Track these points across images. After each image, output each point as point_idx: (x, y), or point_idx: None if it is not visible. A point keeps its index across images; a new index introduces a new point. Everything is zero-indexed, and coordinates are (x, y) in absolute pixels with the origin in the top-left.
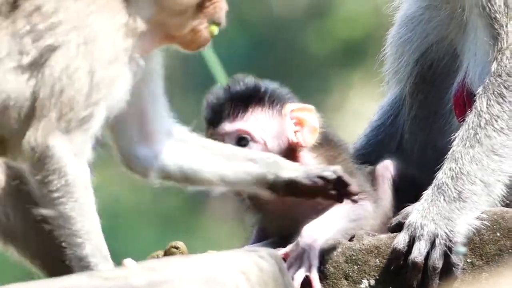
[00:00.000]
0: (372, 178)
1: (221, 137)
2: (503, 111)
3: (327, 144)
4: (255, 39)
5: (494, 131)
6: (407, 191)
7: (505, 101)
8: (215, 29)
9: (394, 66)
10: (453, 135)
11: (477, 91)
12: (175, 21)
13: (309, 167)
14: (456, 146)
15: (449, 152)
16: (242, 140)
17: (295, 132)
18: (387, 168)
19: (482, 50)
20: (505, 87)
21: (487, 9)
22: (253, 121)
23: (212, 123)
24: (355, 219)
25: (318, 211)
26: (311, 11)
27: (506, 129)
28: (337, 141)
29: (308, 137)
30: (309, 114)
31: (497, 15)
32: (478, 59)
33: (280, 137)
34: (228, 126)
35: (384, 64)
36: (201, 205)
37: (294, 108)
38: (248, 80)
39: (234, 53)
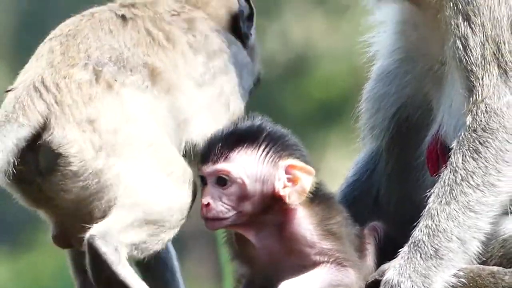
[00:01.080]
0: (359, 240)
1: (205, 177)
2: (479, 167)
3: (323, 203)
4: None
5: (470, 187)
6: (392, 253)
7: (481, 157)
8: None
9: (371, 121)
10: (429, 190)
11: (452, 146)
12: None
13: None
14: (432, 203)
15: (425, 209)
16: (220, 180)
17: (284, 186)
18: (374, 230)
19: (457, 102)
20: (480, 142)
21: (464, 61)
22: (237, 161)
23: (201, 160)
24: (335, 285)
25: (303, 268)
26: (288, 71)
27: (481, 185)
28: (333, 201)
29: (293, 197)
30: (306, 177)
31: (473, 67)
32: (453, 111)
33: (264, 183)
34: (210, 167)
35: (360, 120)
36: (180, 246)
37: (295, 165)
38: (254, 121)
39: None
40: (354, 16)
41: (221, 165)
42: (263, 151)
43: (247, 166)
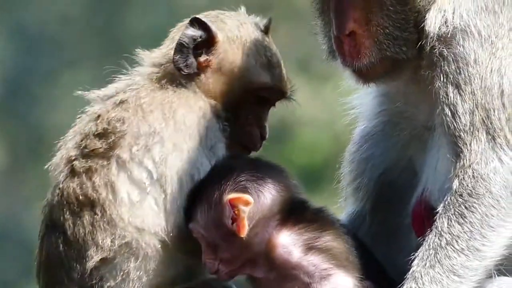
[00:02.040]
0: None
1: None
2: (464, 232)
3: (306, 217)
4: None
5: (455, 251)
6: None
7: (466, 222)
8: None
9: (355, 183)
10: (413, 253)
11: (438, 210)
12: None
13: None
14: (416, 266)
15: (409, 272)
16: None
17: (233, 220)
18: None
19: (442, 166)
20: (466, 207)
21: (452, 127)
22: (193, 216)
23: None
24: None
25: None
26: (270, 137)
27: (466, 249)
28: (322, 217)
29: (240, 228)
30: (242, 207)
31: (461, 133)
32: (439, 174)
33: (218, 227)
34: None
35: (342, 182)
36: None
37: (233, 198)
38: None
39: None
40: (338, 83)
41: (189, 225)
42: (209, 196)
43: (199, 217)
